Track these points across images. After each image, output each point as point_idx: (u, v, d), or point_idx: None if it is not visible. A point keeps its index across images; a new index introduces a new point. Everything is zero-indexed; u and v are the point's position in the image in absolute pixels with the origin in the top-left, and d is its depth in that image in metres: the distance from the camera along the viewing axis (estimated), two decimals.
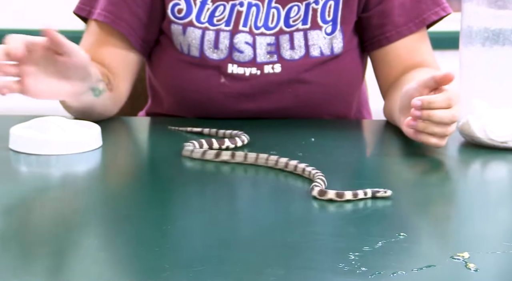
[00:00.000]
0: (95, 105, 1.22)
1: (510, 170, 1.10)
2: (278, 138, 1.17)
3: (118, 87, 1.30)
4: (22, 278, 0.70)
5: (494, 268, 0.74)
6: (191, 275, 0.71)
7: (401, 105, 1.14)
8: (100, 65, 1.28)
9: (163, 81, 1.34)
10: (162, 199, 0.94)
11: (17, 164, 1.08)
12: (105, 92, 1.22)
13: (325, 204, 0.90)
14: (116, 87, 1.28)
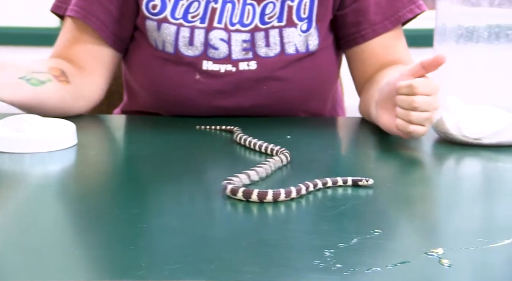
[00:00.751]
0: (41, 98, 1.21)
1: (483, 166, 1.11)
2: (254, 136, 1.17)
3: (89, 83, 1.30)
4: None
5: (467, 264, 0.74)
6: (167, 273, 0.71)
7: (380, 96, 1.13)
8: (67, 61, 1.28)
9: (138, 78, 1.34)
10: (138, 197, 0.94)
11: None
12: (50, 83, 1.22)
13: (301, 202, 0.90)
14: (75, 81, 1.27)
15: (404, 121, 1.06)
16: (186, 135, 1.22)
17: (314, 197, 0.91)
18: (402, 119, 1.06)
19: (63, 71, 1.26)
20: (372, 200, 0.93)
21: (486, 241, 0.78)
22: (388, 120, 1.11)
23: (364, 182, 0.91)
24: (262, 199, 0.88)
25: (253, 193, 0.88)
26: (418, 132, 1.07)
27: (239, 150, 1.13)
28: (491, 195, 0.97)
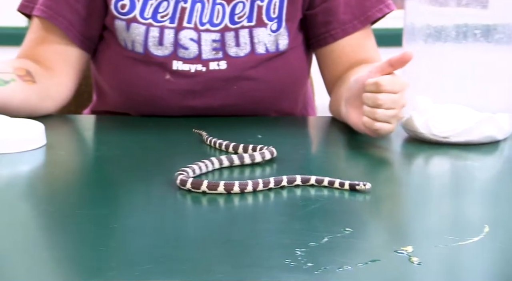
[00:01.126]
0: (5, 97, 1.20)
1: (452, 164, 1.12)
2: (225, 135, 1.17)
3: (57, 83, 1.29)
4: None
5: (436, 262, 0.75)
6: (137, 274, 0.70)
7: (349, 94, 1.13)
8: (34, 61, 1.27)
9: (108, 78, 1.33)
10: (108, 198, 0.94)
11: None
12: (14, 82, 1.21)
13: (272, 201, 0.90)
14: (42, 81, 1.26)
15: (370, 118, 1.06)
16: (156, 135, 1.21)
17: (285, 196, 0.91)
18: (368, 116, 1.07)
19: (29, 71, 1.25)
20: (342, 199, 0.94)
21: (455, 239, 0.79)
22: (356, 118, 1.11)
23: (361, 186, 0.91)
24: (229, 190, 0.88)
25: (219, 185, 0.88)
26: (384, 129, 1.07)
27: (209, 150, 1.12)
28: (460, 193, 0.98)
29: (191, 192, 0.92)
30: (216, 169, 1.01)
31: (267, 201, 0.90)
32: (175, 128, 1.24)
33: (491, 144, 1.15)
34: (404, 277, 0.72)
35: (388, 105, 1.05)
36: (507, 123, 1.16)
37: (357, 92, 1.10)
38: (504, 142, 1.16)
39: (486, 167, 1.11)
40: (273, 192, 0.93)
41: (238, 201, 0.92)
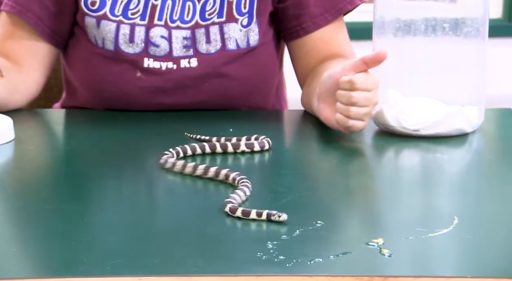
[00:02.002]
0: None
1: (422, 157, 1.13)
2: (196, 129, 1.17)
3: (25, 77, 1.28)
4: None
5: (407, 253, 0.76)
6: (109, 268, 0.70)
7: (322, 89, 1.13)
8: (2, 55, 1.26)
9: (78, 74, 1.32)
10: (78, 193, 0.93)
11: None
12: None
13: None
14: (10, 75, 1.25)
15: (343, 116, 1.07)
16: (126, 130, 1.21)
17: (257, 190, 0.91)
18: (341, 113, 1.07)
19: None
20: (314, 192, 0.94)
21: (425, 231, 0.79)
22: (329, 114, 1.12)
23: (276, 217, 0.82)
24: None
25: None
26: (357, 126, 1.08)
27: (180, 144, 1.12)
28: (429, 185, 0.99)
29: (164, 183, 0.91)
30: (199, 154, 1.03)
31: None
32: (145, 122, 1.24)
33: (460, 137, 1.16)
34: (375, 269, 0.72)
35: (362, 103, 1.06)
36: (475, 116, 1.17)
37: (330, 88, 1.11)
38: (473, 135, 1.17)
39: (455, 159, 1.12)
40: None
41: (211, 195, 0.92)
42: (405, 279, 0.69)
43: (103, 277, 0.68)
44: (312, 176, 1.03)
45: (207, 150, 1.04)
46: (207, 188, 0.94)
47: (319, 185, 0.96)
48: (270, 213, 0.81)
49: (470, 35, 1.15)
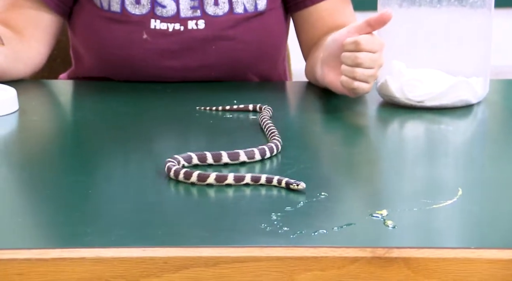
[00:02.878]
0: None
1: (427, 128, 1.12)
2: (201, 100, 1.16)
3: (27, 47, 1.27)
4: None
5: (410, 225, 0.76)
6: (114, 239, 0.70)
7: (326, 54, 1.13)
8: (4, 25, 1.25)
9: (84, 40, 1.31)
10: (83, 164, 0.93)
11: None
12: None
13: (248, 166, 0.90)
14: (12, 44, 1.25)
15: (348, 77, 1.06)
16: (131, 101, 1.21)
17: (261, 162, 0.91)
18: (346, 75, 1.07)
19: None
20: (318, 163, 0.94)
21: (429, 202, 0.80)
22: (333, 77, 1.11)
23: (294, 185, 0.82)
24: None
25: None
26: (362, 88, 1.07)
27: (188, 117, 1.12)
28: (434, 156, 0.99)
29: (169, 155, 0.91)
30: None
31: (243, 167, 0.90)
32: (150, 93, 1.23)
33: (465, 108, 1.15)
34: (379, 240, 0.72)
35: (368, 64, 1.05)
36: (480, 87, 1.16)
37: (334, 51, 1.10)
38: (478, 106, 1.17)
39: (460, 130, 1.12)
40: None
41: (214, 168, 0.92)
42: (409, 250, 0.69)
43: (108, 247, 0.68)
44: (316, 147, 1.03)
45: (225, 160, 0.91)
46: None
47: (323, 157, 0.96)
48: (289, 182, 0.82)
49: (476, 5, 1.14)
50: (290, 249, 0.69)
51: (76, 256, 0.67)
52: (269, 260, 0.68)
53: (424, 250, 0.69)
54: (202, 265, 0.68)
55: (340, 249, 0.69)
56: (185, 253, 0.68)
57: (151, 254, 0.68)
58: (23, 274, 0.67)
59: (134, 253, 0.68)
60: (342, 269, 0.69)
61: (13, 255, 0.67)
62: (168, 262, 0.68)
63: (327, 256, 0.69)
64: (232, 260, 0.68)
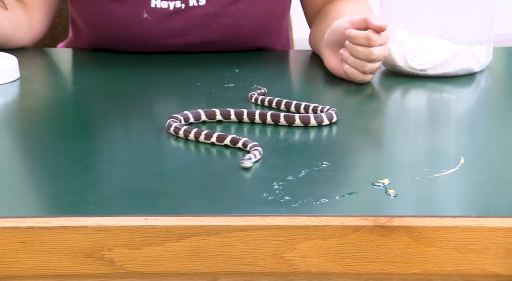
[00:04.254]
0: None
1: (429, 97, 1.12)
2: (202, 70, 1.16)
3: (29, 15, 1.26)
4: None
5: (412, 194, 0.76)
6: (115, 208, 0.71)
7: (328, 39, 1.14)
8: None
9: (83, 17, 1.30)
10: (85, 133, 0.93)
11: None
12: None
13: (248, 136, 0.90)
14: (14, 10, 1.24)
15: (357, 70, 1.08)
16: (132, 70, 1.20)
17: (262, 131, 0.91)
18: (356, 68, 1.08)
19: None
20: (320, 133, 0.94)
21: (431, 171, 0.80)
22: (334, 63, 1.13)
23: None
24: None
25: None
26: (367, 79, 1.10)
27: (187, 87, 1.12)
28: (436, 125, 0.99)
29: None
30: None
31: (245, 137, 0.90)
32: (151, 63, 1.23)
33: (468, 76, 1.15)
34: (381, 209, 0.72)
35: (379, 58, 1.07)
36: (483, 55, 1.16)
37: (336, 39, 1.11)
38: (481, 74, 1.16)
39: (463, 99, 1.11)
40: (250, 126, 0.93)
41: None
42: (411, 219, 0.69)
43: (110, 216, 0.69)
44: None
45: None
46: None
47: (325, 126, 0.96)
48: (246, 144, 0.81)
49: None
50: (292, 218, 0.69)
51: (78, 224, 0.68)
52: (271, 229, 0.69)
53: (426, 218, 0.70)
54: (204, 234, 0.68)
55: (341, 218, 0.69)
56: (187, 222, 0.68)
57: (153, 223, 0.68)
58: (26, 242, 0.67)
59: (136, 222, 0.68)
60: (344, 238, 0.69)
61: (16, 224, 0.67)
62: (170, 231, 0.68)
63: (329, 225, 0.69)
64: (233, 229, 0.68)
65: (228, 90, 1.08)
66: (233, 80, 1.13)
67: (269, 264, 0.69)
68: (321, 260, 0.69)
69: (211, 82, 1.12)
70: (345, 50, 1.09)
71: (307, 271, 0.69)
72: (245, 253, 0.69)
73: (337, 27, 1.11)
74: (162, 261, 0.68)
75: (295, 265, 0.69)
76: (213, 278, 0.70)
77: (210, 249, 0.68)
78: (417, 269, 0.70)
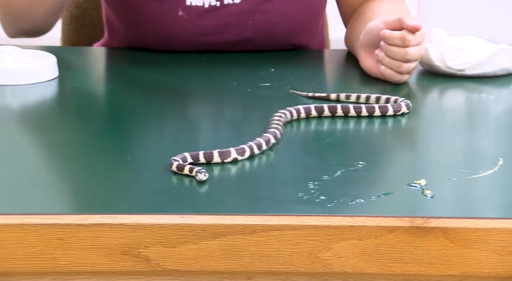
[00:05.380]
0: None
1: (467, 98, 1.11)
2: (237, 69, 1.16)
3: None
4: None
5: (449, 195, 0.75)
6: (152, 206, 0.71)
7: (363, 40, 1.13)
8: None
9: (118, 15, 1.31)
10: (122, 131, 0.94)
11: None
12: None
13: (284, 136, 0.90)
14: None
15: (393, 71, 1.07)
16: (168, 69, 1.21)
17: (298, 130, 0.91)
18: (392, 69, 1.08)
19: None
20: (356, 132, 0.93)
21: (469, 172, 0.79)
22: (370, 64, 1.13)
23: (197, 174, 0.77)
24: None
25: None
26: (404, 80, 1.10)
27: (222, 86, 1.12)
28: (474, 126, 0.98)
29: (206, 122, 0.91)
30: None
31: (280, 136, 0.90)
32: (187, 62, 1.23)
33: (506, 76, 1.13)
34: (417, 210, 0.72)
35: (415, 58, 1.07)
36: None
37: (371, 40, 1.11)
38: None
39: (501, 99, 1.10)
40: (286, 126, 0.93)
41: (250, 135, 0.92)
42: (448, 220, 0.69)
43: (146, 214, 0.69)
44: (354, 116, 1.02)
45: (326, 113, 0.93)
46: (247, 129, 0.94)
47: (361, 126, 0.95)
48: (192, 168, 0.77)
49: None
50: (327, 218, 0.69)
51: (115, 222, 0.68)
52: (306, 228, 0.68)
53: (463, 220, 0.69)
54: (239, 232, 0.68)
55: (377, 218, 0.69)
56: (223, 221, 0.68)
57: (189, 221, 0.68)
58: (63, 239, 0.68)
59: (172, 220, 0.68)
60: (380, 239, 0.68)
61: (54, 220, 0.68)
62: (205, 229, 0.68)
63: (365, 225, 0.68)
64: (268, 228, 0.68)
65: (264, 89, 1.08)
66: (268, 79, 1.13)
67: (304, 264, 0.69)
68: (356, 261, 0.69)
69: (247, 81, 1.12)
70: (380, 51, 1.09)
71: (343, 271, 0.69)
72: (280, 253, 0.69)
73: (371, 28, 1.11)
74: (198, 260, 0.69)
75: (331, 265, 0.69)
76: (248, 277, 0.70)
77: (245, 248, 0.69)
78: (454, 271, 0.69)
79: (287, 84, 1.10)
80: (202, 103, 1.07)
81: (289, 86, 1.08)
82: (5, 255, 0.68)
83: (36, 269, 0.69)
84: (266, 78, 1.13)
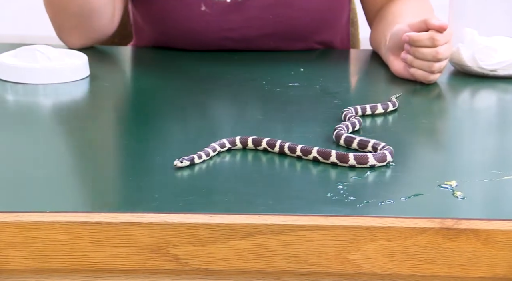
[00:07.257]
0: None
1: (499, 98, 1.10)
2: (267, 69, 1.16)
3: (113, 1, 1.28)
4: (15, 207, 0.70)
5: (480, 196, 0.74)
6: (181, 205, 0.71)
7: (390, 44, 1.14)
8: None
9: (142, 13, 1.31)
10: (152, 130, 0.94)
11: (4, 93, 1.07)
12: None
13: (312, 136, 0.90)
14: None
15: (425, 72, 1.07)
16: (198, 68, 1.21)
17: (327, 131, 0.91)
18: (423, 70, 1.07)
19: None
20: (386, 132, 0.93)
21: (500, 173, 0.78)
22: (398, 66, 1.13)
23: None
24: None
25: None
26: (436, 79, 1.09)
27: (252, 86, 1.12)
28: (506, 127, 0.97)
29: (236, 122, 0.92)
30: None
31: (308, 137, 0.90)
32: (216, 61, 1.23)
33: None
34: (448, 211, 0.71)
35: (446, 57, 1.07)
36: None
37: (397, 44, 1.12)
38: None
39: None
40: None
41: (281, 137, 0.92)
42: (479, 222, 0.68)
43: (175, 213, 0.69)
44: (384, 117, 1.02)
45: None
46: (279, 131, 0.94)
47: (391, 126, 0.95)
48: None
49: None
50: (356, 218, 0.69)
51: (144, 221, 0.69)
52: (335, 229, 0.68)
53: (494, 222, 0.68)
54: (268, 232, 0.68)
55: (407, 219, 0.68)
56: (251, 220, 0.68)
57: (218, 221, 0.69)
58: (94, 237, 0.69)
59: (201, 219, 0.69)
60: (409, 240, 0.68)
61: (85, 219, 0.69)
62: (234, 229, 0.68)
63: (394, 226, 0.68)
64: (297, 228, 0.68)
65: (293, 89, 1.08)
66: (298, 79, 1.12)
67: (333, 264, 0.69)
68: (386, 262, 0.68)
69: (276, 81, 1.12)
70: (406, 54, 1.08)
71: (372, 272, 0.69)
72: (309, 253, 0.69)
73: (397, 32, 1.11)
74: (226, 259, 0.69)
75: (359, 265, 0.69)
76: (277, 276, 0.70)
77: (274, 247, 0.69)
78: (485, 273, 0.68)
79: (317, 84, 1.10)
80: (231, 102, 1.07)
81: (319, 86, 1.08)
82: (36, 253, 0.69)
83: (66, 266, 0.69)
84: (295, 78, 1.13)
